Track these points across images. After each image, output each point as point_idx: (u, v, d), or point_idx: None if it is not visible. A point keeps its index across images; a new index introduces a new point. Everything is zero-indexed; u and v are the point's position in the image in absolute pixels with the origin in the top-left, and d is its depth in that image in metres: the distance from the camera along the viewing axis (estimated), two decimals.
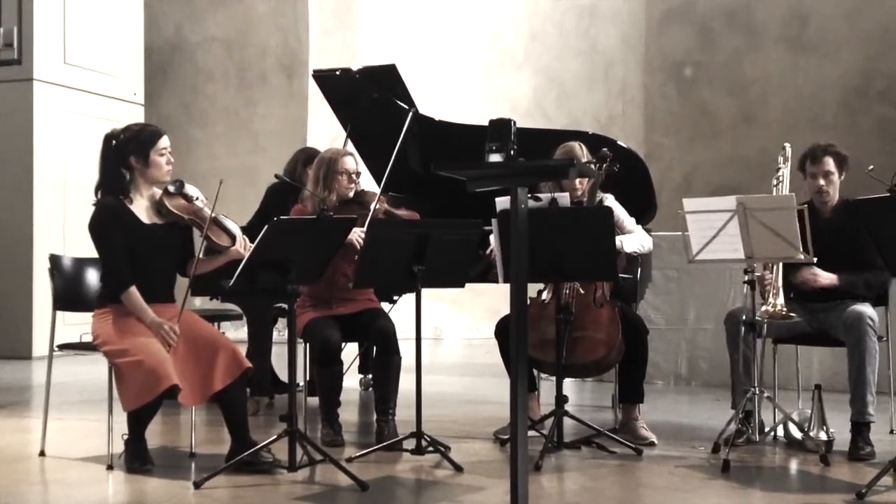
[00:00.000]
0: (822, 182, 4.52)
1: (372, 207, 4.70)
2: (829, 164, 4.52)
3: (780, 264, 4.35)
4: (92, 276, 4.45)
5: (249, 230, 4.58)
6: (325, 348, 4.52)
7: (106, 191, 4.11)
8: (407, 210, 4.99)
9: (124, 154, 4.09)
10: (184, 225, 4.13)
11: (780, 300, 4.29)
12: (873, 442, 4.31)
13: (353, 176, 4.75)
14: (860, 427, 4.28)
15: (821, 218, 4.45)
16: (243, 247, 4.10)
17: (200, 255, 4.13)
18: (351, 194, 4.76)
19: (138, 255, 4.04)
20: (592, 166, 4.65)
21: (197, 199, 4.14)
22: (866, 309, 4.35)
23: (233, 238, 4.12)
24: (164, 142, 4.12)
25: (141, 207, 4.11)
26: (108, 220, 4.04)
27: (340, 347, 4.63)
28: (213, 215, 4.10)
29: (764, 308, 4.29)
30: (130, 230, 4.03)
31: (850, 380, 4.31)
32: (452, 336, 10.69)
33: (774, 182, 4.54)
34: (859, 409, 4.28)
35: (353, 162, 4.80)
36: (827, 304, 4.48)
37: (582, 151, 4.75)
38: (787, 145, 4.63)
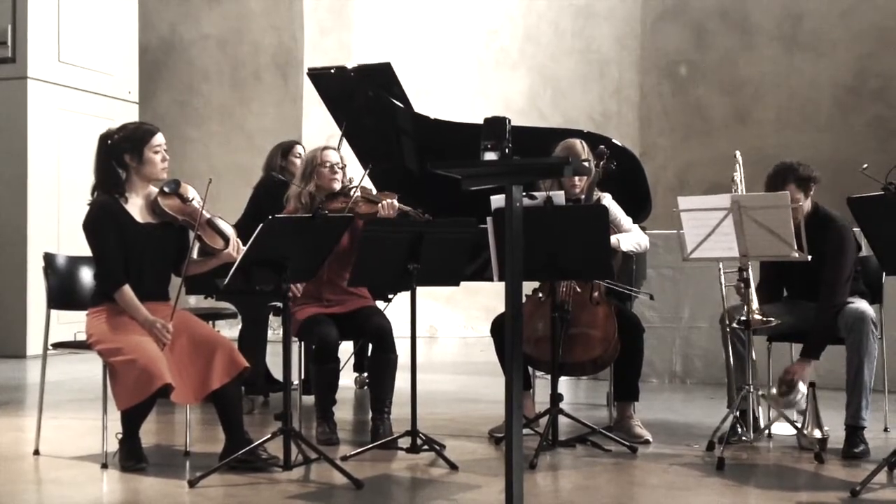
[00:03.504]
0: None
1: (351, 194, 4.70)
2: (793, 191, 4.39)
3: (750, 273, 4.34)
4: (86, 275, 4.44)
5: (240, 228, 4.58)
6: (323, 345, 4.52)
7: (102, 190, 4.11)
8: (389, 194, 4.92)
9: (119, 152, 4.10)
10: (178, 225, 4.13)
11: (755, 305, 4.28)
12: (868, 440, 4.31)
13: (336, 167, 4.76)
14: (854, 429, 4.29)
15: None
16: (236, 250, 4.09)
17: (194, 256, 4.14)
18: (336, 186, 4.76)
19: (132, 253, 4.04)
20: (591, 163, 4.65)
21: (192, 199, 4.14)
22: (867, 308, 4.35)
23: (226, 240, 4.12)
24: (159, 139, 4.13)
25: (136, 206, 4.11)
26: (102, 219, 4.04)
27: (338, 344, 4.63)
28: (208, 217, 4.10)
29: (743, 318, 4.29)
30: (124, 229, 4.03)
31: (847, 383, 4.31)
32: (447, 334, 10.69)
33: (732, 189, 4.53)
34: (854, 413, 4.28)
35: (336, 155, 4.83)
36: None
37: (583, 148, 4.75)
38: (738, 153, 4.65)
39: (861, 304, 4.37)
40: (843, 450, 4.26)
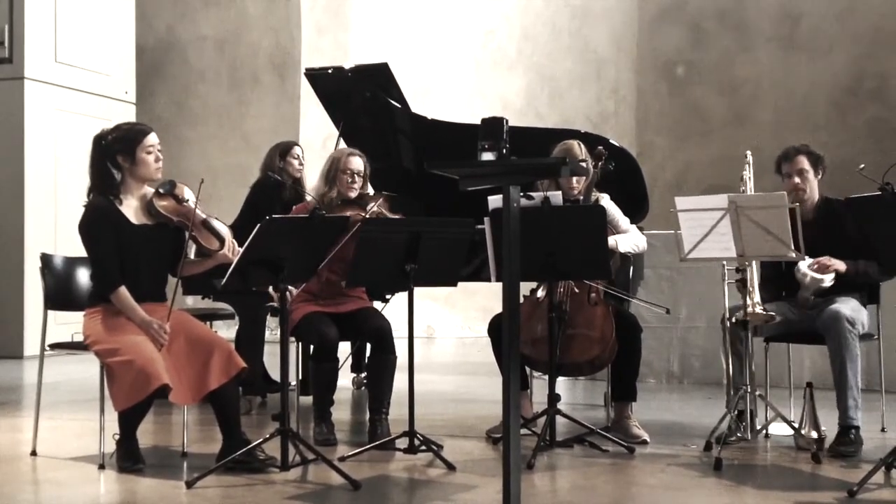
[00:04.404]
0: (797, 179, 4.56)
1: (368, 209, 4.70)
2: (803, 162, 4.58)
3: (755, 269, 4.35)
4: (83, 276, 4.43)
5: (236, 228, 4.58)
6: (323, 343, 4.52)
7: (97, 192, 4.10)
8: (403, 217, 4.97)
9: (112, 153, 4.09)
10: (174, 226, 4.12)
11: (757, 298, 4.29)
12: (864, 440, 4.32)
13: (357, 176, 4.76)
14: (846, 429, 4.30)
15: (803, 220, 4.44)
16: (232, 251, 4.09)
17: (191, 257, 4.14)
18: (353, 194, 4.76)
19: (128, 254, 4.03)
20: (588, 164, 4.65)
21: (188, 200, 4.13)
22: (843, 308, 4.34)
23: (222, 241, 4.12)
24: (151, 139, 4.11)
25: (131, 208, 4.10)
26: (97, 221, 4.03)
27: (337, 343, 4.62)
28: (203, 218, 4.09)
29: (743, 311, 4.29)
30: (119, 230, 4.03)
31: (834, 383, 4.33)
32: (445, 335, 10.69)
33: (741, 188, 4.55)
34: (843, 412, 4.30)
35: (360, 163, 4.80)
36: (815, 302, 4.49)
37: (581, 150, 4.75)
38: (749, 153, 4.68)
39: (838, 304, 4.37)
40: (830, 447, 4.28)
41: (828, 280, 4.39)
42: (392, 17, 10.82)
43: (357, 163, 4.78)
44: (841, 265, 4.42)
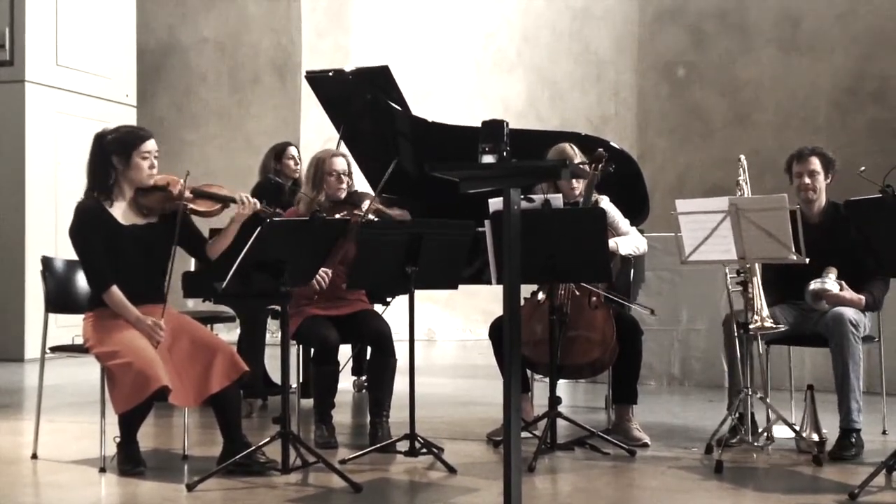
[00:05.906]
0: (807, 180, 4.56)
1: (364, 207, 4.70)
2: (815, 163, 4.58)
3: (759, 279, 4.35)
4: (83, 279, 4.43)
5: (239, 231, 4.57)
6: (323, 347, 4.52)
7: (90, 190, 4.10)
8: (399, 210, 4.98)
9: (108, 153, 4.08)
10: (170, 212, 4.09)
11: (765, 312, 4.29)
12: (865, 442, 4.31)
13: (343, 176, 4.76)
14: (848, 432, 4.30)
15: (809, 223, 4.44)
16: (242, 198, 4.09)
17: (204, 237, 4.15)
18: (342, 195, 4.76)
19: (119, 256, 4.03)
20: (586, 167, 4.65)
21: (168, 184, 4.10)
22: (847, 310, 4.34)
23: (222, 200, 4.12)
24: (149, 145, 4.10)
25: (120, 210, 4.09)
26: (86, 223, 4.03)
27: (338, 346, 4.62)
28: (189, 188, 4.06)
29: (752, 326, 4.29)
30: (109, 232, 4.02)
31: (836, 386, 4.33)
32: (446, 337, 10.68)
33: (738, 193, 4.55)
34: (845, 415, 4.29)
35: (344, 162, 4.80)
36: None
37: (573, 152, 4.75)
38: (742, 157, 4.67)
39: (841, 307, 4.36)
40: (832, 451, 4.26)
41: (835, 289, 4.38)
42: (393, 19, 10.82)
43: (341, 163, 4.78)
44: (858, 301, 4.38)
